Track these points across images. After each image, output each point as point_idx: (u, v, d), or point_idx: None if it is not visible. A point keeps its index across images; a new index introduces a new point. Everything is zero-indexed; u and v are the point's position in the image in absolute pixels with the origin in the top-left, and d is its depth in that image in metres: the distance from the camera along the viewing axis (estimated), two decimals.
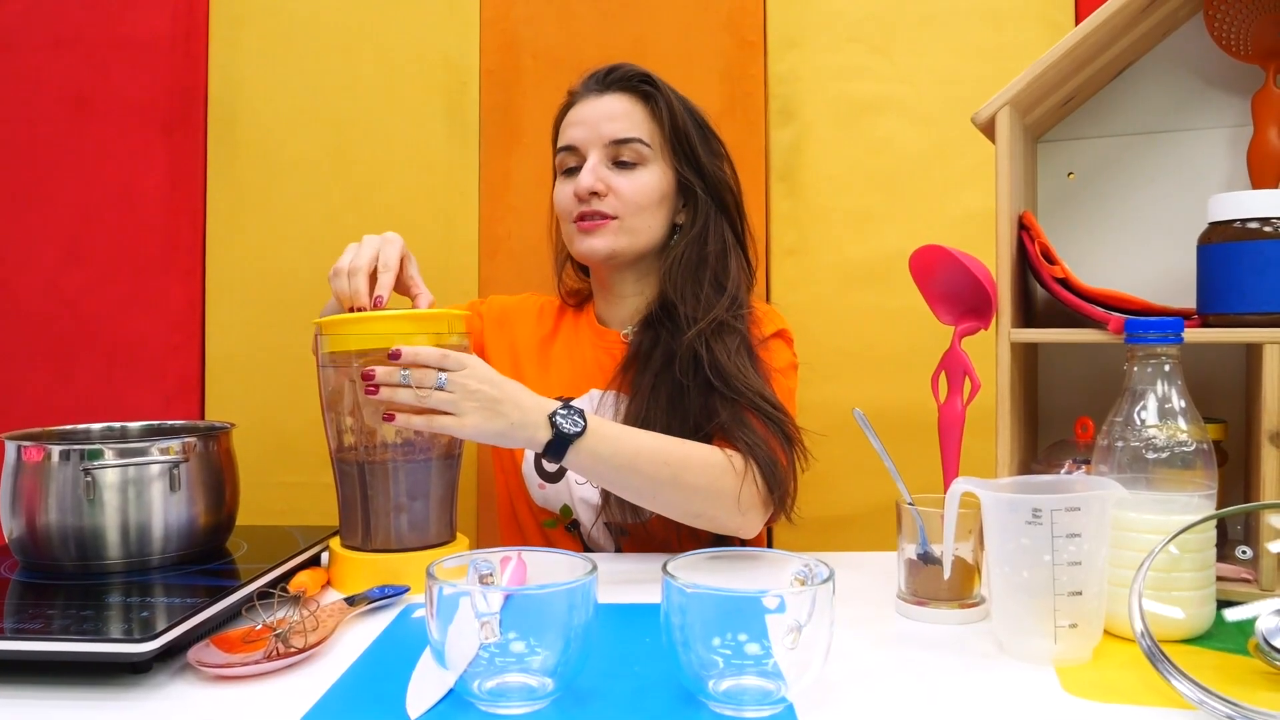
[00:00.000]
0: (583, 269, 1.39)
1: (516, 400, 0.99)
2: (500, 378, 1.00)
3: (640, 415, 1.16)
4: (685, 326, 1.17)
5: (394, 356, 0.95)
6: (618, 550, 1.24)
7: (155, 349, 1.76)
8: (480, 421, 0.97)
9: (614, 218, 1.23)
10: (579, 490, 1.22)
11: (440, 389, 0.95)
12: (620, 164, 1.23)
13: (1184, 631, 0.82)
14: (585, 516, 1.23)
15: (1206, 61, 1.10)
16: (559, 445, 1.00)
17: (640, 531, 1.21)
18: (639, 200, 1.23)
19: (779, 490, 1.10)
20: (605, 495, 1.16)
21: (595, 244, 1.23)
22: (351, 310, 1.04)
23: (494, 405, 0.97)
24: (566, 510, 1.24)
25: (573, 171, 1.25)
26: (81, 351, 1.77)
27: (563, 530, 1.26)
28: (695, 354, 1.15)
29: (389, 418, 0.97)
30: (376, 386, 0.95)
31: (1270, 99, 1.04)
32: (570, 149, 1.25)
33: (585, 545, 1.26)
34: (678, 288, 1.21)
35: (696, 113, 1.28)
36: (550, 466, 1.23)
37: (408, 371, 0.95)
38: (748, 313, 1.22)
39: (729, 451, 1.09)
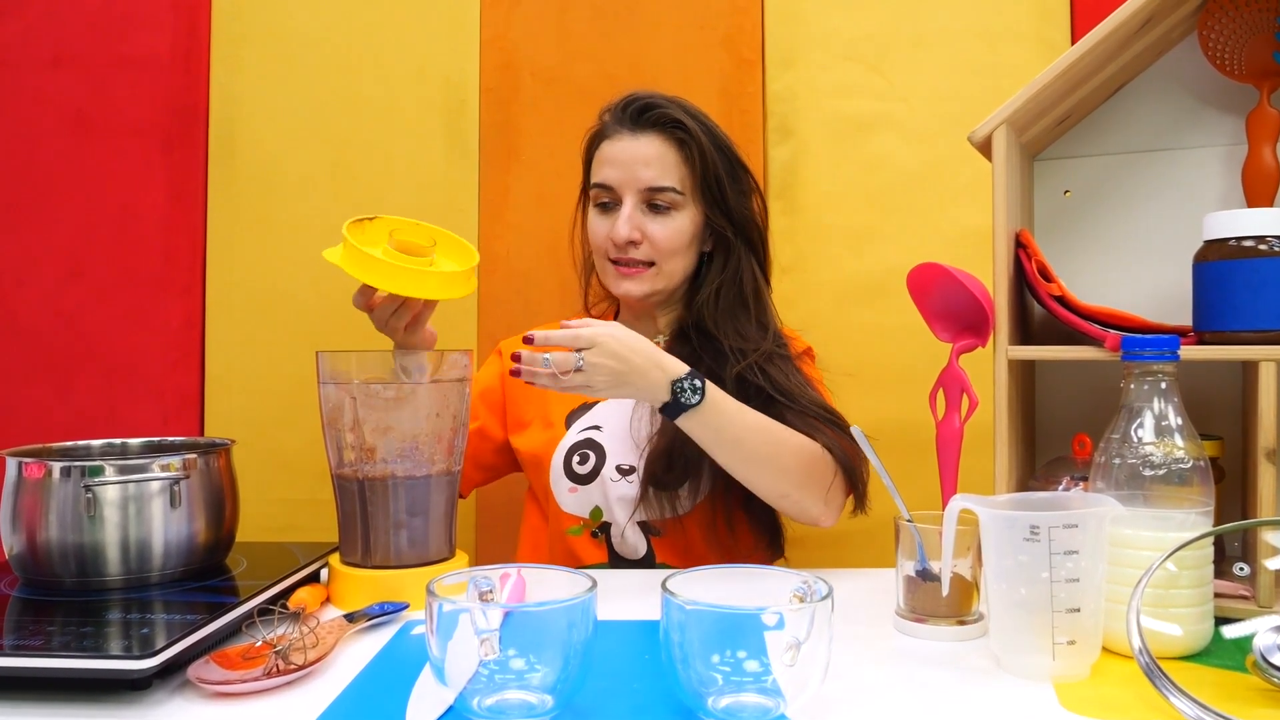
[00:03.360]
0: None
1: (643, 371, 1.05)
2: (630, 349, 1.05)
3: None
4: (734, 358, 1.23)
5: (528, 341, 1.03)
6: (649, 553, 1.25)
7: (154, 366, 1.76)
8: (608, 390, 1.05)
9: (650, 264, 1.28)
10: (615, 488, 1.24)
11: (578, 370, 1.02)
12: (654, 208, 1.27)
13: (1182, 648, 0.83)
14: (620, 514, 1.24)
15: (1201, 81, 1.11)
16: (674, 411, 1.08)
17: (675, 529, 1.23)
18: (672, 246, 1.28)
19: (860, 486, 1.18)
20: (644, 489, 1.21)
21: (633, 289, 1.29)
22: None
23: (621, 377, 1.04)
24: (597, 512, 1.25)
25: (607, 207, 1.30)
26: (81, 368, 1.77)
27: (588, 537, 1.26)
28: (747, 381, 1.21)
29: (516, 373, 1.03)
30: (519, 369, 1.03)
31: (1264, 118, 1.05)
32: (605, 187, 1.29)
33: (612, 551, 1.26)
34: (720, 326, 1.27)
35: (728, 149, 1.31)
36: (581, 469, 1.27)
37: (549, 357, 1.02)
38: (787, 344, 1.30)
39: (825, 448, 1.16)
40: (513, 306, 1.70)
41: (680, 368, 1.08)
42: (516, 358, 1.03)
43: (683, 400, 1.07)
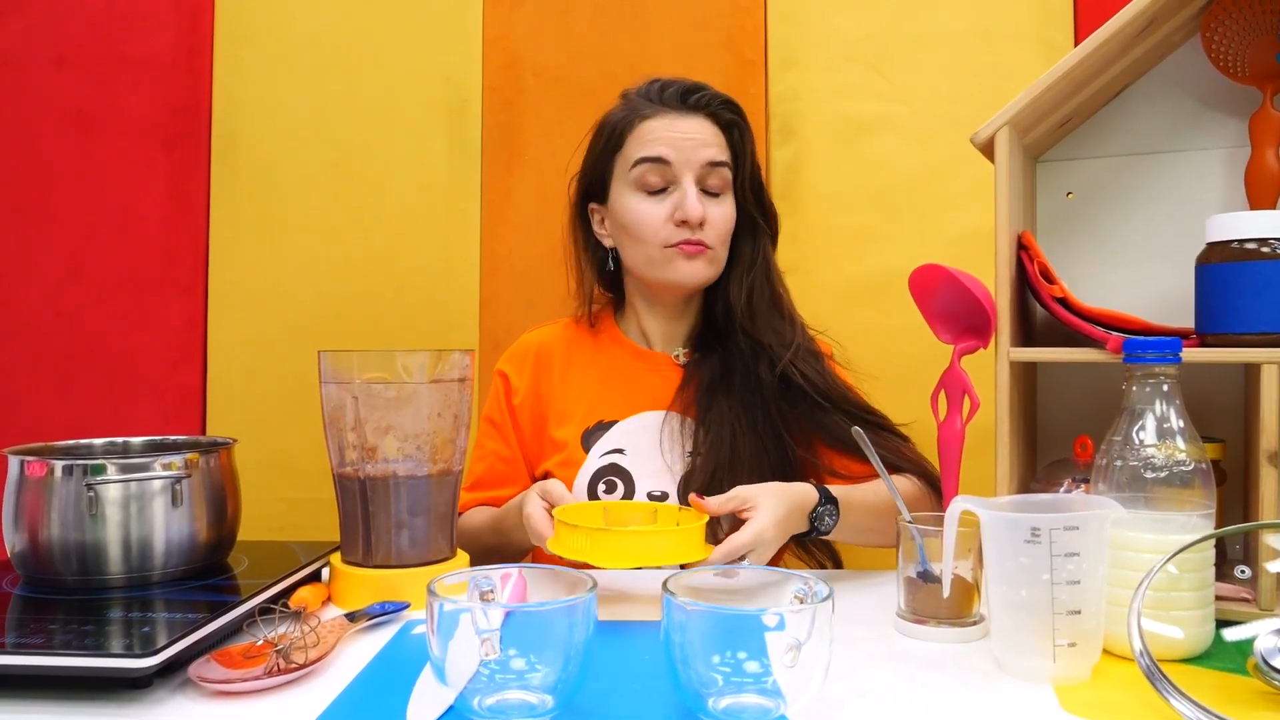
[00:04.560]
0: (611, 283, 1.37)
1: (789, 532, 1.05)
2: (783, 529, 1.03)
3: (731, 440, 1.20)
4: (772, 356, 1.23)
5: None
6: None
7: (156, 365, 1.76)
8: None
9: (709, 247, 1.24)
10: None
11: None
12: (707, 191, 1.23)
13: (1183, 651, 0.83)
14: None
15: (1204, 83, 1.11)
16: (808, 534, 1.09)
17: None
18: (726, 230, 1.25)
19: (938, 484, 1.16)
20: None
21: (699, 269, 1.24)
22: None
23: (774, 547, 1.03)
24: None
25: (659, 192, 1.23)
26: (82, 367, 1.77)
27: None
28: (790, 382, 1.22)
29: None
30: None
31: (1267, 120, 1.05)
32: (660, 161, 1.21)
33: None
34: (757, 323, 1.25)
35: (754, 143, 1.30)
36: (608, 497, 1.23)
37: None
38: (812, 337, 1.30)
39: (911, 477, 1.18)
40: (515, 306, 1.70)
41: (811, 496, 1.08)
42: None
43: (819, 527, 1.08)
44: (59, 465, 0.94)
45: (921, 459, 1.23)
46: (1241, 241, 0.92)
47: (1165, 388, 0.85)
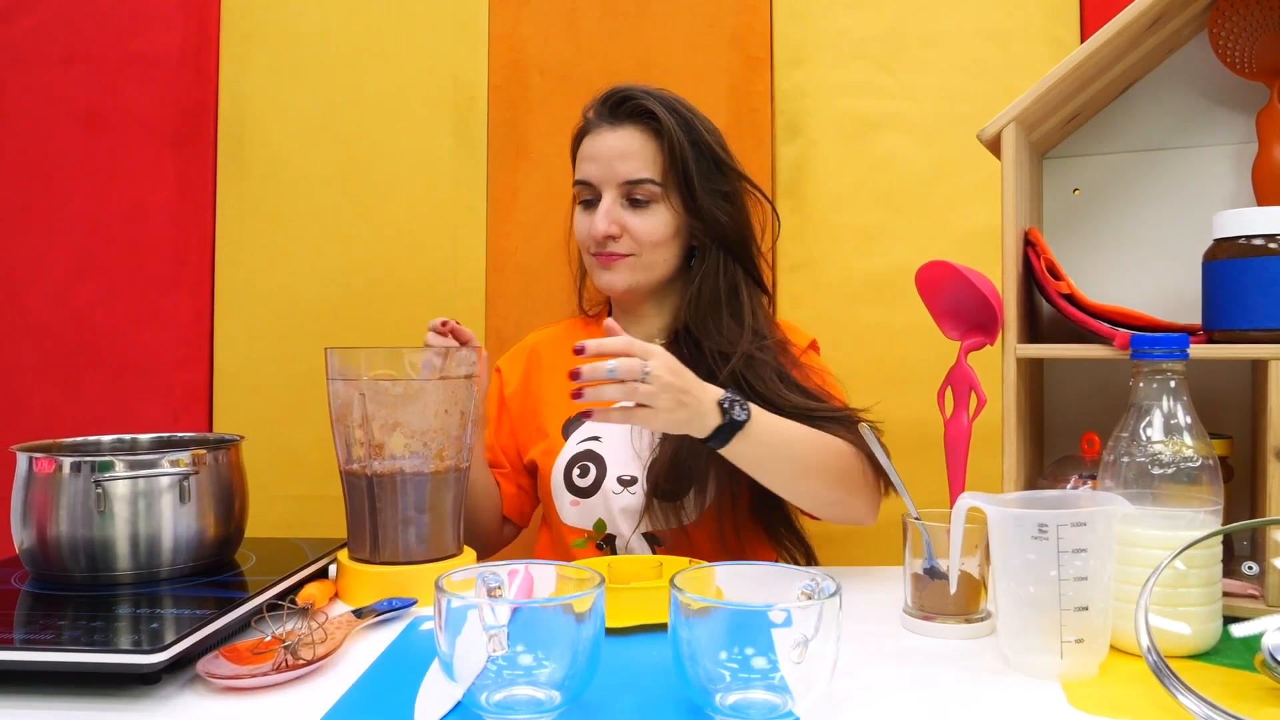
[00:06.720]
0: None
1: (696, 391, 0.99)
2: (679, 365, 0.99)
3: None
4: (714, 362, 1.21)
5: (579, 351, 0.96)
6: None
7: (163, 362, 1.77)
8: (671, 412, 0.97)
9: (631, 255, 1.27)
10: (617, 500, 1.23)
11: (643, 380, 0.95)
12: (634, 202, 1.26)
13: (1190, 647, 0.82)
14: (624, 527, 1.23)
15: (1211, 79, 1.11)
16: (726, 432, 1.01)
17: (679, 539, 1.22)
18: (653, 238, 1.26)
19: (882, 472, 1.11)
20: (649, 501, 1.20)
21: (614, 279, 1.28)
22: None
23: (681, 395, 0.97)
24: (600, 525, 1.24)
25: (589, 204, 1.29)
26: (90, 364, 1.77)
27: (593, 549, 1.26)
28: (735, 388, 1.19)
29: (587, 415, 0.97)
30: (581, 390, 0.96)
31: (1275, 116, 1.05)
32: (585, 184, 1.28)
33: None
34: (699, 322, 1.25)
35: (706, 147, 1.27)
36: (581, 481, 1.25)
37: (614, 365, 0.94)
38: (772, 343, 1.26)
39: (844, 441, 1.13)
40: (520, 304, 1.70)
41: (719, 390, 1.02)
42: (576, 374, 0.95)
43: (735, 417, 1.01)
44: (67, 462, 0.94)
45: (864, 442, 1.12)
46: (1249, 238, 0.92)
47: (1172, 384, 0.85)
